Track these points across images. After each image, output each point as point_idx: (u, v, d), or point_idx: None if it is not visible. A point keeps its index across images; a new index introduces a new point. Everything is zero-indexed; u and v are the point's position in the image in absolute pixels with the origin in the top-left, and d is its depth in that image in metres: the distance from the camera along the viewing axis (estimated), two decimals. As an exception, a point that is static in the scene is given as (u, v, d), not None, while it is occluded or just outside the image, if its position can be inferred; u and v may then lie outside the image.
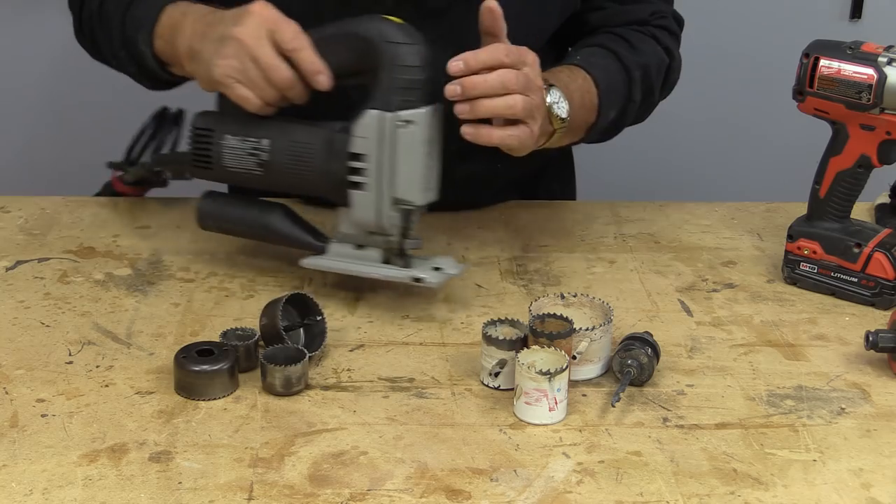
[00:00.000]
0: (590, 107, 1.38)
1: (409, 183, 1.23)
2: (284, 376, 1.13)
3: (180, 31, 1.31)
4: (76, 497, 0.99)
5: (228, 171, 1.30)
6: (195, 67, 1.28)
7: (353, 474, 1.03)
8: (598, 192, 1.74)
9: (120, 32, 1.38)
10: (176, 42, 1.31)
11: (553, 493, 1.01)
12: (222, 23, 1.25)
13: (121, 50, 1.38)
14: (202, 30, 1.28)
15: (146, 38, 1.35)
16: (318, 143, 1.26)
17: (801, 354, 1.24)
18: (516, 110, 1.21)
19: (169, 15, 1.34)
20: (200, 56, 1.26)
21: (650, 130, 1.64)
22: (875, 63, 1.27)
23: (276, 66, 1.22)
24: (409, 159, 1.23)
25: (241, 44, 1.22)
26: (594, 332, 1.17)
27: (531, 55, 1.25)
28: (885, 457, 1.07)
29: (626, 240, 1.49)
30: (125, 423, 1.09)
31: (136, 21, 1.36)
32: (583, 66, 1.39)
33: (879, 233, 1.35)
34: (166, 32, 1.33)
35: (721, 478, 1.04)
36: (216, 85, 1.25)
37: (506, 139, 1.23)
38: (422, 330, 1.26)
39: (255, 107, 1.25)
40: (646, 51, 1.47)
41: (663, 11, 1.53)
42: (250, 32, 1.22)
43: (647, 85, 1.46)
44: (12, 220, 1.49)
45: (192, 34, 1.29)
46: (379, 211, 1.24)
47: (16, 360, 1.18)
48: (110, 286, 1.33)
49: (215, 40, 1.24)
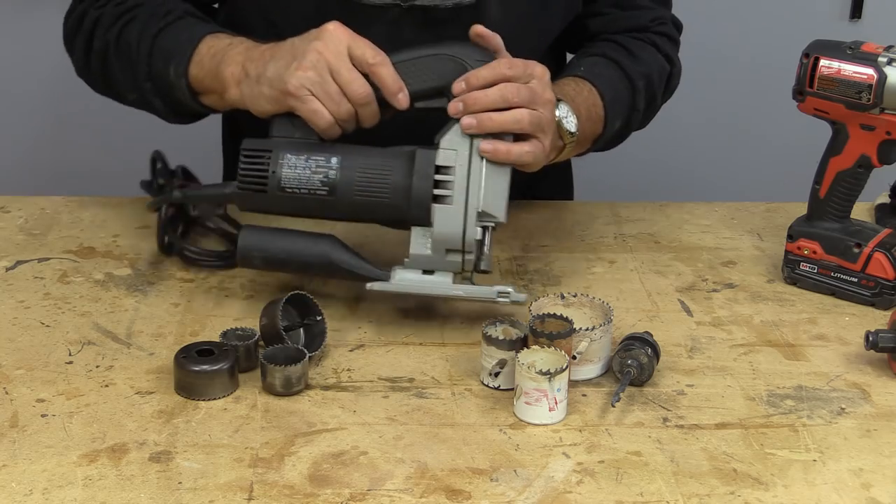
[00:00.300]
0: (596, 119, 1.39)
1: (494, 197, 1.22)
2: (284, 376, 1.13)
3: (228, 57, 1.28)
4: (76, 497, 0.99)
5: (285, 194, 1.23)
6: (250, 90, 1.25)
7: (353, 474, 1.03)
8: (599, 192, 1.74)
9: (146, 64, 1.34)
10: (221, 69, 1.28)
11: (553, 493, 1.01)
12: (292, 44, 1.24)
13: (146, 82, 1.35)
14: (262, 54, 1.26)
15: (180, 69, 1.32)
16: (396, 159, 1.23)
17: (801, 354, 1.24)
18: (523, 124, 1.22)
19: (209, 45, 1.31)
20: (263, 75, 1.23)
21: (650, 131, 1.64)
22: (875, 63, 1.27)
23: (355, 79, 1.21)
24: (496, 173, 1.22)
25: (320, 56, 1.21)
26: (594, 332, 1.17)
27: (539, 68, 1.25)
28: (885, 457, 1.07)
29: (626, 240, 1.49)
30: (125, 423, 1.09)
31: (167, 52, 1.33)
32: (587, 77, 1.39)
33: (879, 233, 1.35)
34: (206, 61, 1.30)
35: (721, 478, 1.04)
36: (287, 98, 1.22)
37: (522, 156, 1.23)
38: (422, 330, 1.26)
39: (325, 123, 1.22)
40: (647, 59, 1.47)
41: (663, 17, 1.53)
42: (330, 47, 1.21)
43: (650, 93, 1.47)
44: (12, 220, 1.49)
45: (248, 59, 1.26)
46: (464, 225, 1.21)
47: (16, 360, 1.18)
48: (110, 286, 1.33)
49: (287, 57, 1.22)
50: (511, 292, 1.23)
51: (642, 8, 1.51)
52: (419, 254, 1.23)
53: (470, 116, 1.21)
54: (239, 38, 1.31)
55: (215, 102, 1.33)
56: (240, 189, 1.26)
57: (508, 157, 1.22)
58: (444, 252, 1.22)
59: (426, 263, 1.23)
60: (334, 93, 1.21)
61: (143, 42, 1.34)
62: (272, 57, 1.24)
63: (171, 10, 1.36)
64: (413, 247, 1.23)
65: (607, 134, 1.42)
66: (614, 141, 1.47)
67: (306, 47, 1.22)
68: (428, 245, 1.22)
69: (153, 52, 1.34)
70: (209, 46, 1.31)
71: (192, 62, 1.31)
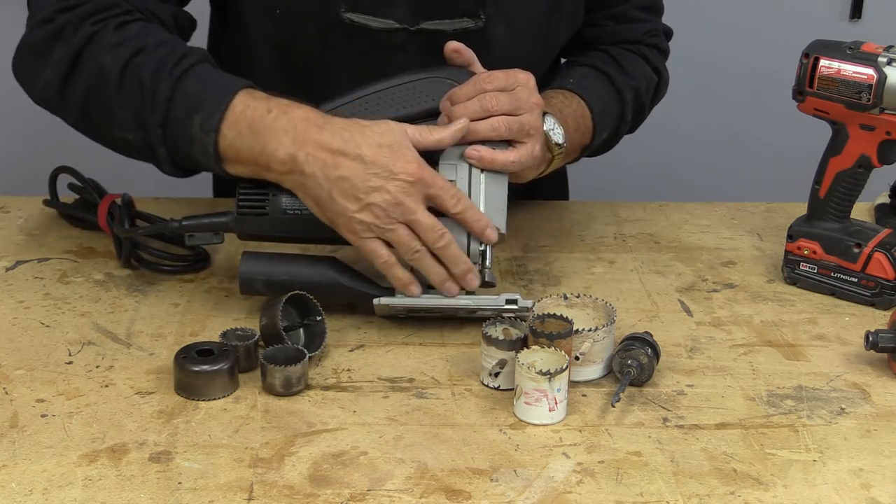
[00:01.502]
0: (584, 130, 1.41)
1: (495, 209, 1.23)
2: (284, 376, 1.13)
3: (272, 133, 1.18)
4: (76, 497, 0.99)
5: (286, 216, 1.24)
6: (303, 192, 1.20)
7: (353, 474, 1.03)
8: (599, 192, 1.74)
9: (163, 108, 1.21)
10: (266, 146, 1.18)
11: (553, 493, 1.01)
12: (362, 160, 1.17)
13: (158, 128, 1.21)
14: (319, 153, 1.18)
15: (209, 124, 1.19)
16: None
17: (801, 354, 1.24)
18: (500, 131, 1.23)
19: (245, 105, 1.20)
20: (323, 199, 1.18)
21: (650, 132, 1.64)
22: (875, 63, 1.27)
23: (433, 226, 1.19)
24: (494, 185, 1.24)
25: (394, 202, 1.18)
26: (597, 332, 1.17)
27: (522, 75, 1.26)
28: (885, 457, 1.07)
29: (626, 240, 1.49)
30: (125, 424, 1.09)
31: (194, 100, 1.20)
32: (576, 90, 1.41)
33: (879, 233, 1.35)
34: (244, 127, 1.19)
35: (721, 478, 1.04)
36: (349, 236, 1.21)
37: (508, 166, 1.24)
38: (422, 330, 1.26)
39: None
40: (636, 73, 1.49)
41: (655, 29, 1.55)
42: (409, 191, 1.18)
43: (638, 105, 1.50)
44: (12, 220, 1.49)
45: (300, 147, 1.17)
46: (468, 237, 1.22)
47: (16, 360, 1.18)
48: (110, 286, 1.33)
49: (354, 190, 1.17)
50: (518, 300, 1.23)
51: (637, 21, 1.53)
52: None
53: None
54: (277, 101, 1.20)
55: (245, 173, 1.23)
56: (239, 213, 1.25)
57: (494, 163, 1.23)
58: None
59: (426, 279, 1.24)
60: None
61: (163, 81, 1.21)
62: (337, 177, 1.17)
63: (190, 52, 1.24)
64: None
65: (595, 144, 1.44)
66: (602, 149, 1.50)
67: (379, 183, 1.17)
68: None
69: (174, 96, 1.21)
70: (245, 106, 1.20)
71: (226, 120, 1.19)
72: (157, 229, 1.34)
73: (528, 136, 1.25)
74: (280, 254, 1.27)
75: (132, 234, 1.34)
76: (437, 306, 1.24)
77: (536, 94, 1.27)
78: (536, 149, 1.26)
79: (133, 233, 1.34)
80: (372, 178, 1.17)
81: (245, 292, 1.27)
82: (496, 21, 1.37)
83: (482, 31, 1.37)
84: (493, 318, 1.20)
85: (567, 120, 1.35)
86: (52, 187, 1.47)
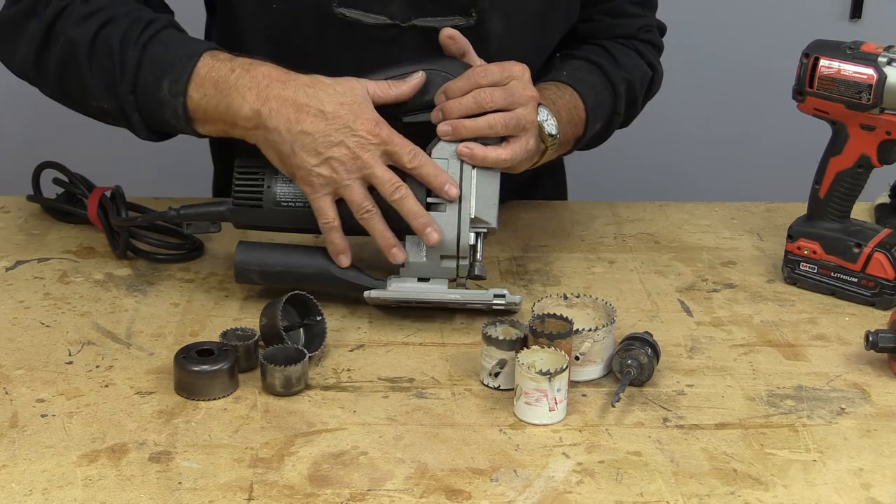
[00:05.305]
0: (577, 122, 1.41)
1: (486, 203, 1.24)
2: (284, 376, 1.13)
3: (237, 90, 1.22)
4: (76, 497, 0.99)
5: (280, 208, 1.26)
6: (266, 144, 1.23)
7: (353, 474, 1.03)
8: (599, 192, 1.74)
9: (132, 75, 1.25)
10: (231, 104, 1.22)
11: (553, 493, 1.01)
12: (323, 115, 1.21)
13: (129, 94, 1.26)
14: (283, 108, 1.21)
15: (177, 87, 1.24)
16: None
17: (801, 354, 1.24)
18: (497, 128, 1.23)
19: (210, 66, 1.24)
20: (284, 150, 1.21)
21: (650, 131, 1.64)
22: (875, 63, 1.27)
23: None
24: (486, 180, 1.24)
25: (352, 155, 1.20)
26: (597, 332, 1.17)
27: (517, 67, 1.26)
28: (885, 457, 1.07)
29: (626, 240, 1.49)
30: (125, 424, 1.09)
31: (160, 65, 1.25)
32: (569, 82, 1.41)
33: (879, 233, 1.35)
34: (209, 88, 1.23)
35: (721, 478, 1.04)
36: (304, 187, 1.23)
37: (500, 163, 1.24)
38: (422, 330, 1.26)
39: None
40: (629, 66, 1.49)
41: (649, 25, 1.55)
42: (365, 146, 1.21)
43: (631, 97, 1.50)
44: (12, 220, 1.49)
45: (263, 102, 1.21)
46: (458, 232, 1.23)
47: (16, 360, 1.18)
48: (110, 286, 1.33)
49: (315, 145, 1.20)
50: (506, 295, 1.25)
51: (631, 16, 1.53)
52: (414, 261, 1.25)
53: (445, 123, 1.23)
54: (240, 61, 1.24)
55: (214, 132, 1.27)
56: (235, 205, 1.27)
57: (486, 160, 1.24)
58: (439, 259, 1.24)
59: (422, 271, 1.25)
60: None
61: (130, 49, 1.25)
62: (299, 131, 1.20)
63: (155, 18, 1.29)
64: (409, 255, 1.25)
65: (588, 135, 1.44)
66: (595, 141, 1.50)
67: (339, 138, 1.20)
68: (423, 252, 1.24)
69: (142, 63, 1.25)
70: (209, 68, 1.24)
71: (192, 83, 1.24)
72: (155, 217, 1.37)
73: (523, 130, 1.25)
74: (275, 244, 1.29)
75: (131, 223, 1.38)
76: (427, 299, 1.26)
77: (531, 87, 1.27)
78: (531, 142, 1.27)
79: (132, 222, 1.38)
80: (333, 133, 1.20)
81: (241, 281, 1.29)
82: (491, 15, 1.37)
83: (478, 25, 1.37)
84: (493, 319, 1.20)
85: (560, 111, 1.35)
86: (35, 182, 1.50)
